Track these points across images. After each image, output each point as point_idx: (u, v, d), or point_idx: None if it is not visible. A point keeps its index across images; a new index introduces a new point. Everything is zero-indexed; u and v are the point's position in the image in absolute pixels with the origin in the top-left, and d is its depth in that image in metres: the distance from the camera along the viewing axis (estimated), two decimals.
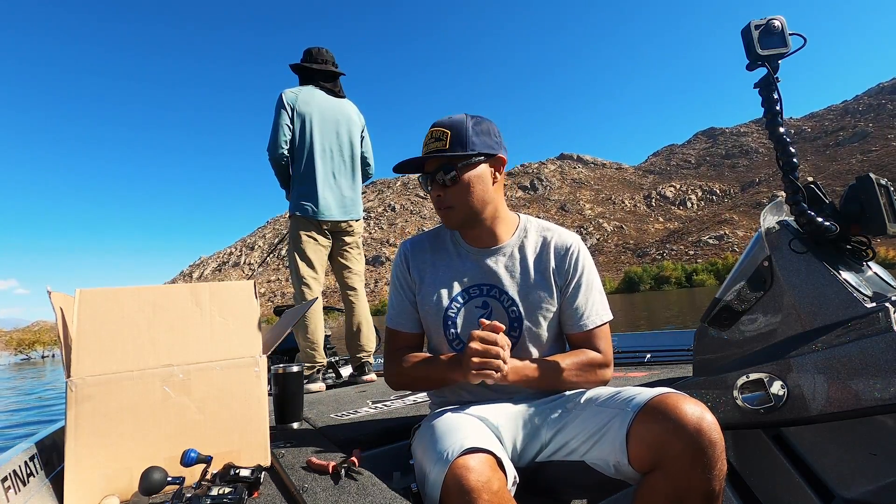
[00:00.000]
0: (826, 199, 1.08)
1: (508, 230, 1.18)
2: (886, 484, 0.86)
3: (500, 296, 1.14)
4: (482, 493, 0.75)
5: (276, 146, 2.50)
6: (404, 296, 1.21)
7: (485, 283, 1.15)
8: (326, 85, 2.68)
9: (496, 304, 1.14)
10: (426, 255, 1.21)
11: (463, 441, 0.82)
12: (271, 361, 2.53)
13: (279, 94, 2.55)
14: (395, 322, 1.23)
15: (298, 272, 2.48)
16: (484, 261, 1.16)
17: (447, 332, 1.16)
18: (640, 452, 0.86)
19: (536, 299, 1.13)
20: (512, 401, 1.15)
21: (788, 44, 0.98)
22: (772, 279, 1.05)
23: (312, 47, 2.71)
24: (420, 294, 1.19)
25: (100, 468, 0.96)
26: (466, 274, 1.16)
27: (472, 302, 1.15)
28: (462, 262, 1.18)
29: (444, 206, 1.11)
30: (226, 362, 1.10)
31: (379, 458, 1.26)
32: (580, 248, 1.17)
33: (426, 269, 1.19)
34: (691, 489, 0.81)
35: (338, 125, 2.64)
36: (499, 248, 1.17)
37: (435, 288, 1.17)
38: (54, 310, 1.01)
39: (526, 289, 1.14)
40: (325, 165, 2.57)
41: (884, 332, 0.87)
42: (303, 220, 2.52)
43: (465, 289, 1.15)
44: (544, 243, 1.17)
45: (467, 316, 1.15)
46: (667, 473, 0.83)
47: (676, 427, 0.82)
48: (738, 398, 1.03)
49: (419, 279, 1.19)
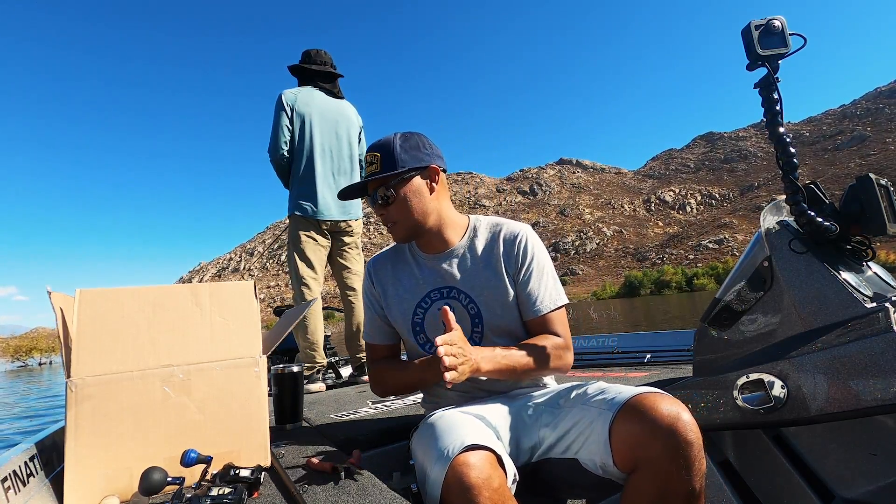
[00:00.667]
0: (826, 199, 1.08)
1: (458, 233, 1.22)
2: (886, 484, 0.86)
3: (458, 295, 1.19)
4: (483, 491, 0.75)
5: (276, 147, 2.51)
6: (374, 311, 1.28)
7: (443, 286, 1.20)
8: (325, 86, 2.68)
9: (456, 304, 1.18)
10: (388, 270, 1.27)
11: (463, 438, 0.83)
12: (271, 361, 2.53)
13: (278, 95, 2.55)
14: (369, 336, 1.31)
15: (298, 272, 2.48)
16: (439, 265, 1.20)
17: (416, 337, 1.22)
18: (623, 453, 0.86)
19: (492, 293, 1.17)
20: (507, 399, 1.16)
21: (788, 44, 0.98)
22: (772, 279, 1.05)
23: (311, 49, 2.71)
24: (387, 307, 1.25)
25: (100, 468, 0.96)
26: (425, 280, 1.21)
27: (434, 305, 1.20)
28: (420, 270, 1.23)
29: (388, 222, 1.17)
30: (226, 362, 1.10)
31: (379, 458, 1.26)
32: (528, 235, 1.20)
33: (389, 282, 1.25)
34: (672, 489, 0.81)
35: (337, 126, 2.64)
36: (450, 251, 1.21)
37: (399, 299, 1.23)
38: (54, 310, 1.01)
39: (480, 285, 1.17)
40: (324, 165, 2.57)
41: (884, 332, 0.87)
42: (302, 220, 2.52)
43: (426, 294, 1.20)
44: (493, 238, 1.21)
45: (432, 320, 1.20)
46: (648, 474, 0.83)
47: (653, 427, 0.82)
48: (738, 398, 1.03)
49: (383, 293, 1.26)
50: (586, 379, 1.14)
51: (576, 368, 2.39)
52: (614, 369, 2.24)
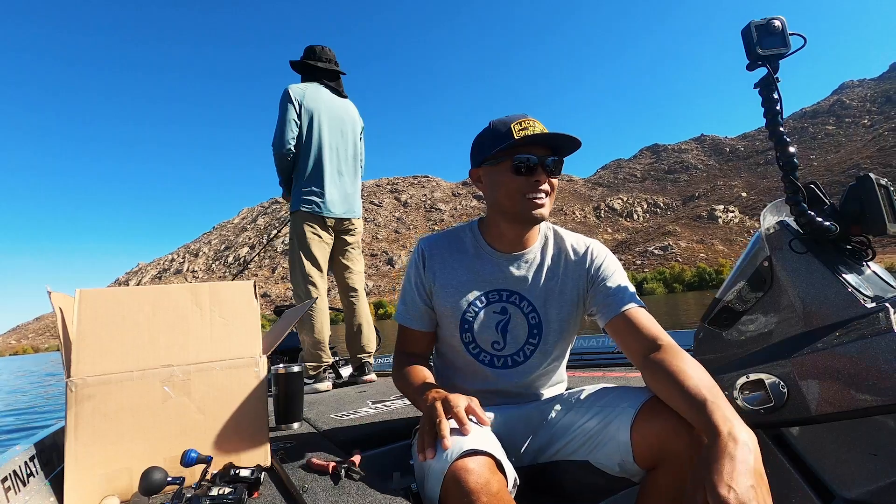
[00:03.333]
0: (826, 199, 1.08)
1: (534, 235, 1.17)
2: (886, 484, 0.86)
3: (521, 302, 1.13)
4: (481, 495, 0.75)
5: (282, 141, 2.46)
6: (418, 295, 1.18)
7: (505, 289, 1.14)
8: (331, 84, 2.66)
9: (515, 311, 1.13)
10: (444, 255, 1.18)
11: (462, 443, 0.82)
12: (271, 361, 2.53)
13: (285, 90, 2.51)
14: (405, 318, 1.20)
15: (304, 270, 2.44)
16: (506, 265, 1.14)
17: (463, 335, 1.14)
18: (644, 451, 0.87)
19: (557, 309, 1.13)
20: (515, 401, 1.15)
21: (788, 44, 0.98)
22: (772, 279, 1.05)
23: (315, 45, 2.68)
24: (436, 295, 1.16)
25: (100, 468, 0.96)
26: (486, 277, 1.14)
27: (491, 307, 1.13)
28: (482, 265, 1.15)
29: (545, 192, 1.07)
30: (226, 362, 1.10)
31: (379, 458, 1.26)
32: (599, 249, 1.16)
33: (443, 269, 1.17)
34: None
35: (343, 124, 2.64)
36: (522, 253, 1.15)
37: (452, 290, 1.15)
38: (54, 310, 1.01)
39: (547, 297, 1.13)
40: (331, 163, 2.56)
41: (884, 332, 0.87)
42: (308, 216, 2.49)
43: (485, 293, 1.14)
44: (567, 249, 1.16)
45: (485, 320, 1.13)
46: (669, 470, 0.84)
47: (676, 425, 0.83)
48: (738, 398, 1.03)
49: (434, 279, 1.17)
50: (587, 379, 1.14)
51: (576, 368, 2.39)
52: (614, 369, 2.24)
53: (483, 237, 1.18)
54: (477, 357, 1.15)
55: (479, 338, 1.14)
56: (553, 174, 1.08)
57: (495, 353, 1.14)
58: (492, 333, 1.13)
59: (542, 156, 1.06)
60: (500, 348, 1.14)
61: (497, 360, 1.14)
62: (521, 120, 1.06)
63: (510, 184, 1.07)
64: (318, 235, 2.50)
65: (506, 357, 1.14)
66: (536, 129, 1.05)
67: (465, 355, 1.15)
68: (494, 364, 1.14)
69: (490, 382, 1.15)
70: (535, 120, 1.07)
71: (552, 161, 1.06)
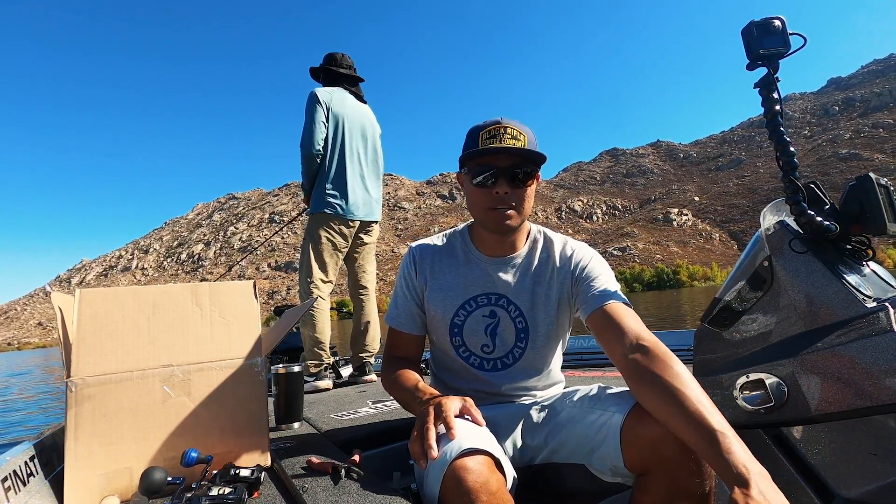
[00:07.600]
0: (826, 199, 1.08)
1: (521, 239, 1.17)
2: (886, 484, 0.86)
3: (508, 306, 1.13)
4: (480, 494, 0.75)
5: (311, 142, 2.51)
6: (410, 298, 1.19)
7: (493, 293, 1.14)
8: (352, 89, 2.74)
9: (503, 314, 1.13)
10: (434, 260, 1.19)
11: (461, 442, 0.82)
12: (271, 361, 2.52)
13: (312, 92, 2.58)
14: (396, 322, 1.20)
15: (311, 272, 2.49)
16: (494, 269, 1.14)
17: (452, 338, 1.15)
18: (634, 456, 0.87)
19: (544, 312, 1.13)
20: (511, 402, 1.15)
21: (788, 43, 0.98)
22: (772, 279, 1.05)
23: (335, 52, 2.78)
24: (427, 299, 1.17)
25: (100, 468, 0.96)
26: (475, 282, 1.15)
27: (480, 311, 1.14)
28: (471, 270, 1.16)
29: (508, 204, 1.04)
30: (226, 362, 1.10)
31: (379, 458, 1.26)
32: (586, 251, 1.16)
33: (434, 274, 1.17)
34: (684, 489, 0.82)
35: (364, 129, 2.72)
36: (511, 257, 1.15)
37: (442, 294, 1.15)
38: (55, 310, 1.01)
39: (534, 301, 1.13)
40: (354, 166, 2.63)
41: (884, 332, 0.87)
42: (329, 218, 2.53)
43: (474, 297, 1.14)
44: (554, 254, 1.15)
45: (474, 324, 1.13)
46: (660, 474, 0.84)
47: (664, 431, 0.82)
48: (738, 398, 1.03)
49: (425, 283, 1.18)
50: (586, 379, 1.14)
51: (576, 368, 2.39)
52: (614, 369, 2.24)
53: (472, 242, 1.19)
54: (467, 360, 1.15)
55: (468, 341, 1.14)
56: (520, 185, 1.05)
57: (485, 356, 1.15)
58: (481, 337, 1.13)
59: (508, 166, 1.03)
60: (489, 351, 1.14)
61: (487, 363, 1.15)
62: (490, 127, 1.03)
63: (473, 195, 1.07)
64: (333, 241, 2.55)
65: (495, 360, 1.15)
66: (505, 138, 1.02)
67: (456, 358, 1.16)
68: (484, 367, 1.15)
69: (482, 384, 1.16)
70: (510, 125, 1.03)
71: (518, 172, 1.03)
